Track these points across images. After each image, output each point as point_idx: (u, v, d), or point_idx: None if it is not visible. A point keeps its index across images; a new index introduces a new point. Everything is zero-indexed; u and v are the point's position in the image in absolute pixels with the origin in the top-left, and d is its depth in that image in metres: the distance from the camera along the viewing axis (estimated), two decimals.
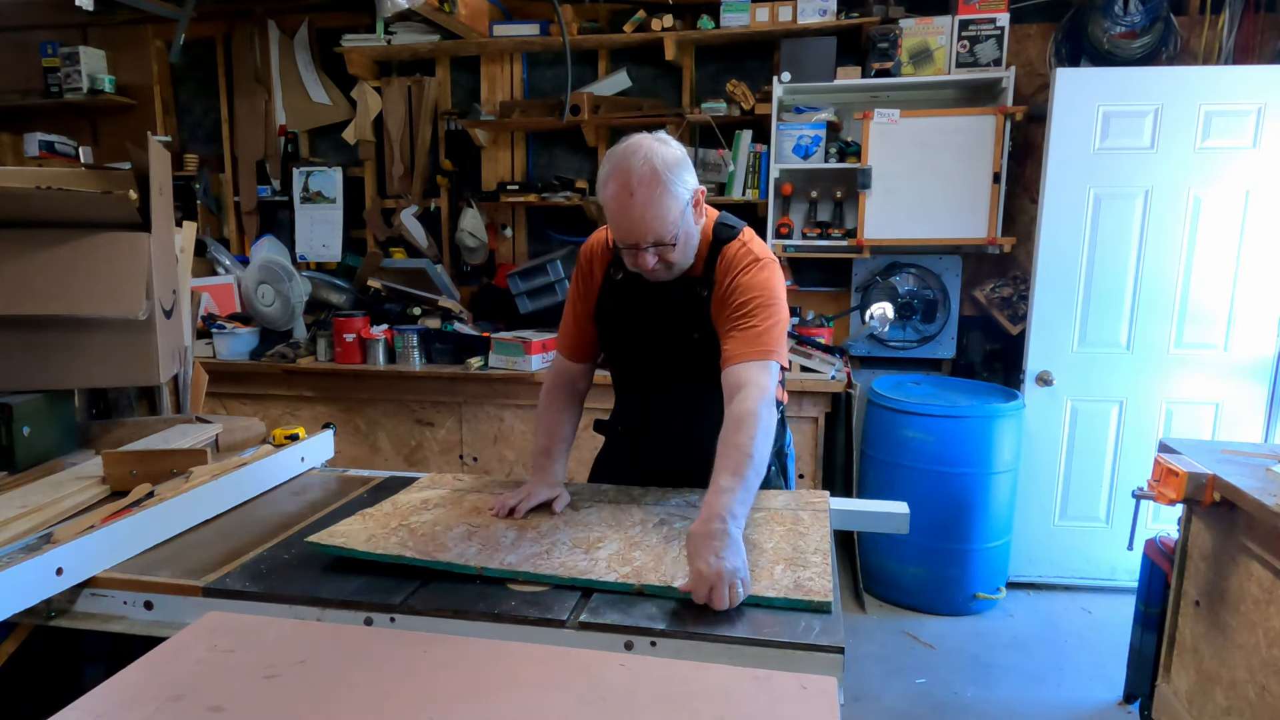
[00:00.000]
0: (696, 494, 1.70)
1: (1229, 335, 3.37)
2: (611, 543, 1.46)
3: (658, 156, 1.54)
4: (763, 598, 1.26)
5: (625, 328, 1.80)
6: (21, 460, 1.89)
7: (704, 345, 1.69)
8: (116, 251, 1.92)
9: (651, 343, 1.78)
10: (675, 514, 1.61)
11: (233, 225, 4.54)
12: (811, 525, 1.56)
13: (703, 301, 1.69)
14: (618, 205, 1.55)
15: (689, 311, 1.70)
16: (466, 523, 1.55)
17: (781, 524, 1.56)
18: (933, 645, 3.18)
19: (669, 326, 1.73)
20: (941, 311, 3.85)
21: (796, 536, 1.50)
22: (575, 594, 1.31)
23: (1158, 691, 2.51)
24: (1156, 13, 3.39)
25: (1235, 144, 3.25)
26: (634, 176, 1.52)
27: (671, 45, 3.77)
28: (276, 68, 4.36)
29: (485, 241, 4.21)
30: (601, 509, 1.65)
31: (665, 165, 1.54)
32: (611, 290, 1.79)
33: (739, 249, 1.69)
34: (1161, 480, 2.20)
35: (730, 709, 0.97)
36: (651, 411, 1.88)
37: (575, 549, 1.44)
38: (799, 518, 1.60)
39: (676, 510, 1.63)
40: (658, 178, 1.53)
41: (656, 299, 1.73)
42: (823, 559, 1.39)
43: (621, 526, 1.55)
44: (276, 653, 1.09)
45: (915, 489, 3.27)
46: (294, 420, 3.79)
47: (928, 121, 3.53)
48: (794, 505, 1.67)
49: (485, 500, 1.68)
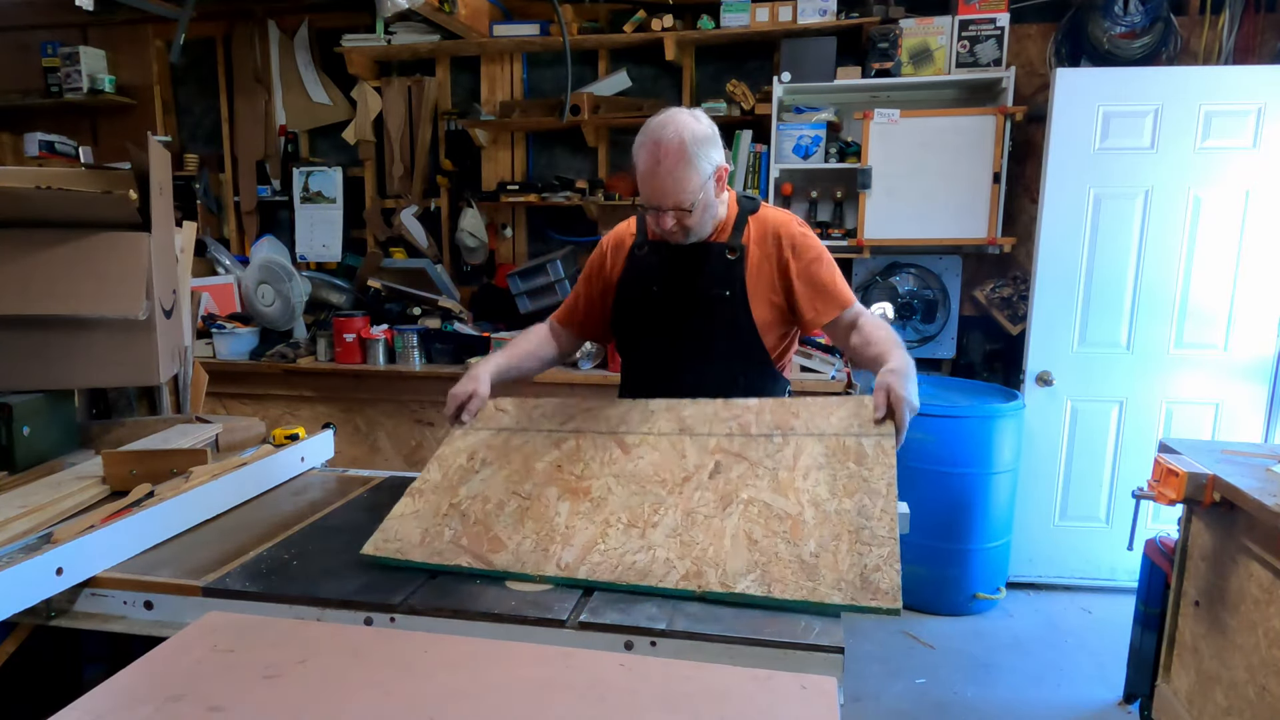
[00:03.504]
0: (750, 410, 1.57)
1: (1229, 335, 3.37)
2: (668, 512, 1.38)
3: (688, 130, 1.69)
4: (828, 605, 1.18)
5: (651, 296, 1.89)
6: (21, 460, 1.89)
7: (732, 304, 1.83)
8: (116, 251, 1.92)
9: (679, 305, 1.87)
10: (728, 450, 1.48)
11: (233, 225, 4.54)
12: (877, 463, 1.39)
13: (731, 264, 1.84)
14: (646, 170, 1.72)
15: (720, 272, 1.84)
16: (516, 492, 1.48)
17: (844, 460, 1.41)
18: (933, 645, 3.18)
19: (698, 287, 1.85)
20: (941, 311, 3.85)
21: (861, 483, 1.35)
22: (576, 593, 1.31)
23: (1158, 691, 2.51)
24: (1156, 13, 3.39)
25: (1235, 144, 3.25)
26: (663, 146, 1.68)
27: (671, 45, 3.77)
28: (276, 68, 4.36)
29: (485, 241, 4.21)
30: (653, 449, 1.53)
31: (694, 139, 1.69)
32: (637, 264, 1.92)
33: (777, 218, 1.87)
34: (1161, 480, 2.19)
35: (730, 709, 0.97)
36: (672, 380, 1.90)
37: (632, 529, 1.36)
38: (862, 450, 1.43)
39: (729, 444, 1.49)
40: (684, 150, 1.68)
41: (686, 264, 1.86)
42: (890, 526, 1.27)
43: (675, 481, 1.43)
44: (276, 653, 1.09)
45: (915, 489, 3.25)
46: (294, 420, 3.78)
47: (928, 121, 3.53)
48: (855, 428, 1.48)
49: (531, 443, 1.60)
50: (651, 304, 1.90)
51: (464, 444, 1.65)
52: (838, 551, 1.26)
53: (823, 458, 1.43)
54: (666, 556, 1.30)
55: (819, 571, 1.24)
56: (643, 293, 1.91)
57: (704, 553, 1.30)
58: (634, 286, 1.92)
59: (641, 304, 1.91)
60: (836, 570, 1.24)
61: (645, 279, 1.90)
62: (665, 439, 1.55)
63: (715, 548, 1.30)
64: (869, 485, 1.36)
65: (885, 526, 1.29)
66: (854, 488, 1.36)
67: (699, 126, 1.71)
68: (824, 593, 1.21)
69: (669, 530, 1.34)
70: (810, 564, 1.25)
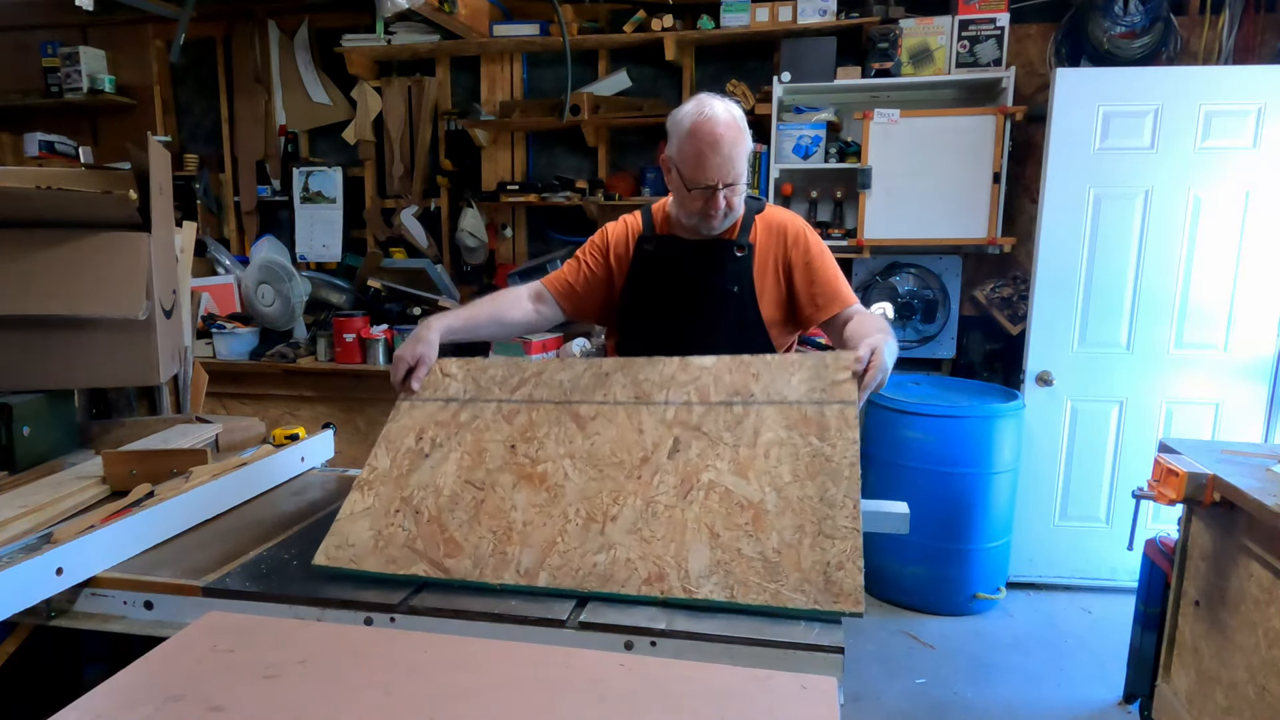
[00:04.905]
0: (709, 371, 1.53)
1: (1229, 335, 3.37)
2: (628, 500, 1.34)
3: (734, 109, 1.76)
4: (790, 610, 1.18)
5: (659, 291, 1.91)
6: (21, 460, 1.89)
7: (739, 300, 1.86)
8: (116, 251, 1.92)
9: (687, 300, 1.89)
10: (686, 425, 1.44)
11: (233, 225, 4.54)
12: (838, 439, 1.36)
13: (740, 260, 1.87)
14: (704, 146, 1.71)
15: (729, 268, 1.87)
16: (469, 481, 1.43)
17: (804, 435, 1.37)
18: (933, 645, 3.17)
19: (708, 283, 1.87)
20: (941, 311, 3.84)
21: (823, 464, 1.32)
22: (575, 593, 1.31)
23: (1158, 691, 2.51)
24: (1156, 13, 3.39)
25: (1235, 144, 3.25)
26: (719, 123, 1.71)
27: (671, 45, 3.77)
28: (276, 68, 4.36)
29: (485, 241, 4.21)
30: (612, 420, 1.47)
31: (740, 116, 1.76)
32: (645, 260, 1.93)
33: (783, 218, 1.91)
34: (1161, 480, 2.19)
35: (730, 709, 0.97)
36: None
37: (590, 524, 1.33)
38: (824, 419, 1.39)
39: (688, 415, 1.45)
40: (737, 124, 1.74)
41: (694, 259, 1.88)
42: (853, 516, 1.24)
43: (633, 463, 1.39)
44: (276, 653, 1.09)
45: (915, 489, 3.27)
46: (294, 420, 3.78)
47: (928, 121, 3.52)
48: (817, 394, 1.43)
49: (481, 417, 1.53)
50: (660, 299, 1.91)
51: (411, 420, 1.57)
52: (800, 546, 1.24)
53: (784, 431, 1.39)
54: (628, 557, 1.28)
55: (782, 570, 1.22)
56: (651, 287, 1.91)
57: (665, 550, 1.27)
58: (642, 280, 1.93)
59: (650, 298, 1.92)
60: (800, 569, 1.22)
61: (654, 273, 1.92)
62: (621, 409, 1.49)
63: (677, 544, 1.27)
64: (831, 465, 1.33)
65: (848, 516, 1.26)
66: (816, 469, 1.33)
67: (736, 106, 1.77)
68: (787, 595, 1.20)
69: (628, 525, 1.31)
70: (773, 562, 1.23)
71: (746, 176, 1.79)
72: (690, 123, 1.73)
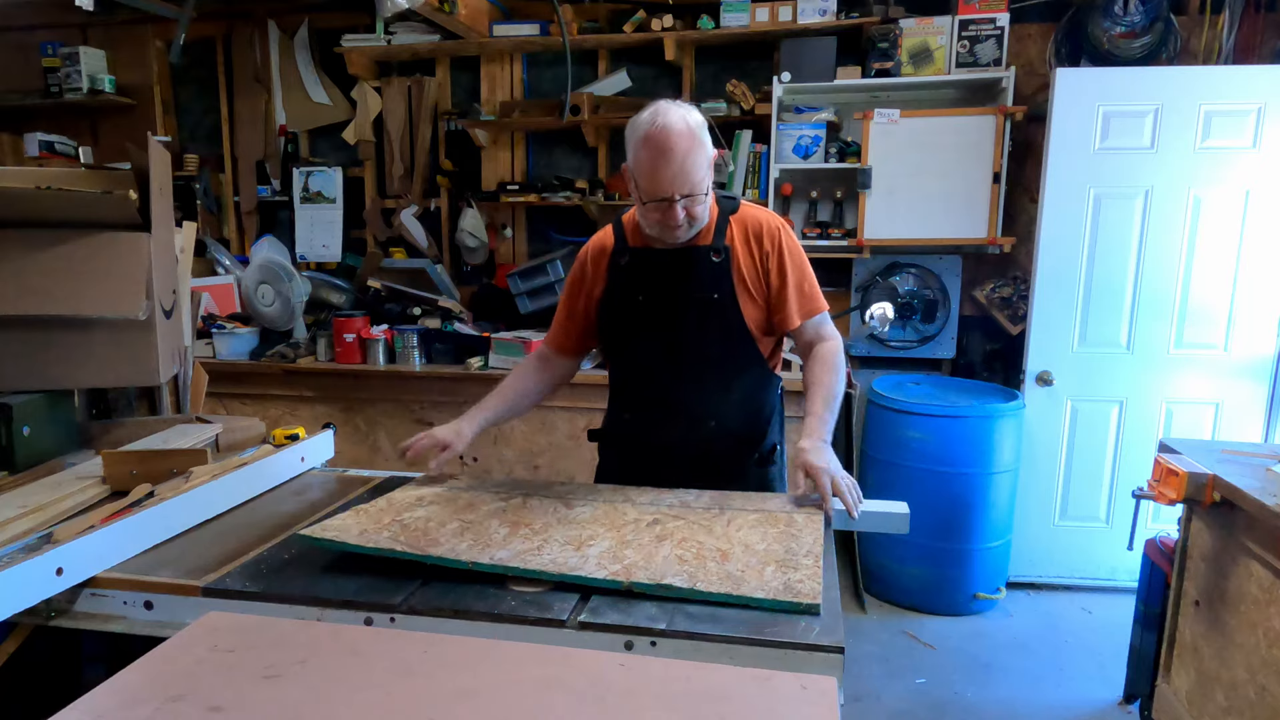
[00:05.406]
0: (691, 493, 1.72)
1: (1229, 335, 3.37)
2: (603, 540, 1.46)
3: (690, 115, 1.69)
4: (750, 598, 1.25)
5: (638, 305, 1.86)
6: (21, 460, 1.89)
7: (720, 307, 1.81)
8: (116, 251, 1.93)
9: (668, 312, 1.84)
10: (668, 514, 1.60)
11: (233, 225, 4.54)
12: (805, 527, 1.55)
13: (716, 266, 1.80)
14: (656, 158, 1.65)
15: (707, 275, 1.81)
16: (459, 519, 1.55)
17: (775, 525, 1.56)
18: (933, 645, 3.18)
19: (686, 292, 1.82)
20: (941, 311, 3.85)
21: (789, 539, 1.49)
22: (575, 594, 1.31)
23: (1158, 691, 2.51)
24: (1156, 13, 3.39)
25: (1235, 144, 3.25)
26: (672, 132, 1.64)
27: (671, 45, 3.77)
28: (276, 68, 4.36)
29: (485, 241, 4.21)
30: (595, 506, 1.65)
31: (698, 123, 1.69)
32: (620, 275, 1.88)
33: (758, 216, 1.85)
34: (1161, 480, 2.19)
35: (730, 709, 0.97)
36: (666, 386, 1.89)
37: (567, 546, 1.43)
38: (793, 520, 1.59)
39: (670, 510, 1.62)
40: (693, 133, 1.66)
41: (670, 270, 1.83)
42: (814, 561, 1.38)
43: (614, 525, 1.55)
44: (276, 653, 1.09)
45: (915, 489, 3.27)
46: (294, 420, 3.78)
47: (928, 121, 3.53)
48: (789, 508, 1.66)
49: (480, 498, 1.69)
50: (639, 313, 1.86)
51: (414, 493, 1.73)
52: (763, 571, 1.35)
53: (756, 523, 1.57)
54: (599, 562, 1.37)
55: (744, 580, 1.31)
56: (629, 302, 1.86)
57: (634, 563, 1.37)
58: (619, 296, 1.88)
59: (629, 313, 1.87)
60: (761, 579, 1.32)
61: (631, 288, 1.86)
62: (608, 504, 1.67)
63: (647, 560, 1.38)
64: (797, 539, 1.49)
65: (810, 558, 1.40)
66: (783, 538, 1.50)
67: (694, 113, 1.70)
68: (747, 591, 1.28)
69: (603, 550, 1.42)
70: (736, 576, 1.33)
71: (709, 184, 1.71)
72: (644, 131, 1.66)
